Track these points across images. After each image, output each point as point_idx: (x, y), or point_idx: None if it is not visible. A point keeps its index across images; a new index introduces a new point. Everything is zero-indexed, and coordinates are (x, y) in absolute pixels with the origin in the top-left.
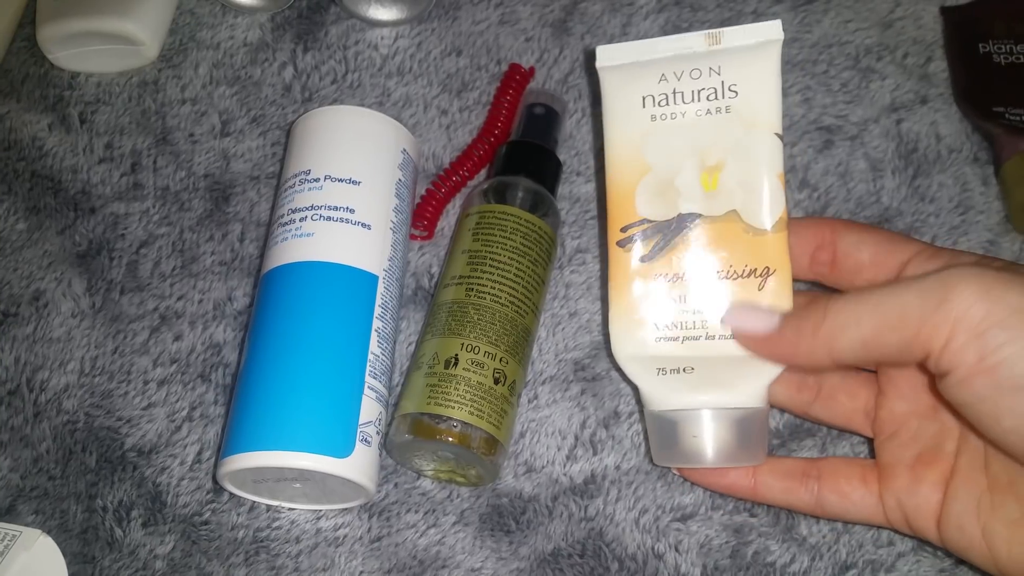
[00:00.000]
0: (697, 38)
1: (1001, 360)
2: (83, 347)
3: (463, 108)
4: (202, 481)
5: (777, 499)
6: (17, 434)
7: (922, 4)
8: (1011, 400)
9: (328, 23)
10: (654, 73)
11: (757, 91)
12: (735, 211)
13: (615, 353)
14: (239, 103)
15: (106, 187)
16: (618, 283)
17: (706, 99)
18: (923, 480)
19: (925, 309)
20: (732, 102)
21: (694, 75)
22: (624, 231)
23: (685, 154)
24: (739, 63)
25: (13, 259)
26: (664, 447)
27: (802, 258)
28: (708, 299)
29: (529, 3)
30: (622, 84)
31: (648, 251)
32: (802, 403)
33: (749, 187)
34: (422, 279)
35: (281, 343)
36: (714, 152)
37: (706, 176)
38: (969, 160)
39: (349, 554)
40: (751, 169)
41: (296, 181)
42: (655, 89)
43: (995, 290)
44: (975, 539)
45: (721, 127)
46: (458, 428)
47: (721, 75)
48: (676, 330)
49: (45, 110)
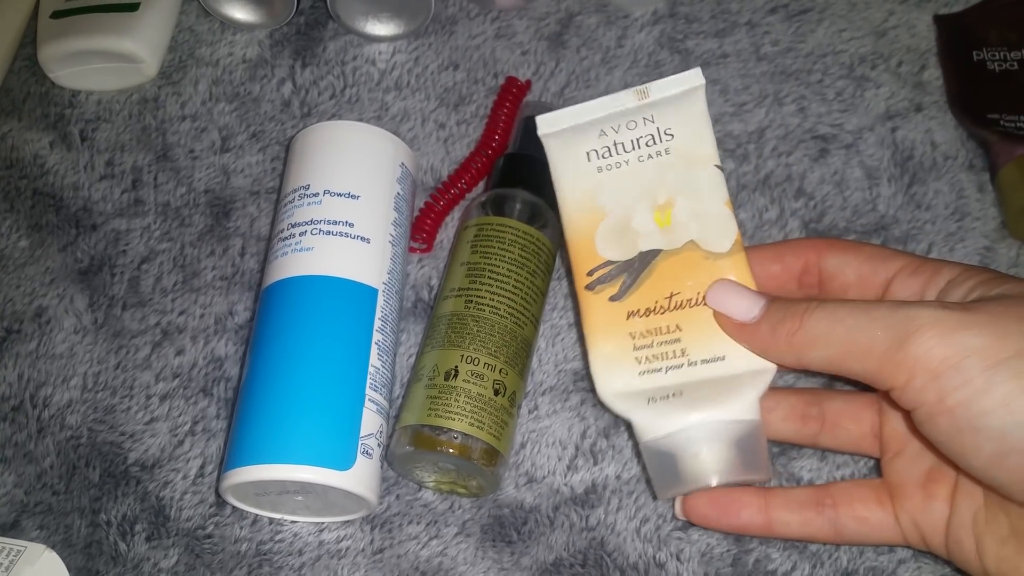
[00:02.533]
0: (627, 95)
1: (957, 402)
2: (86, 363)
3: (460, 121)
4: (205, 495)
5: (794, 533)
6: (21, 450)
7: (916, 12)
8: (971, 439)
9: (326, 39)
10: (593, 130)
11: (691, 131)
12: (692, 241)
13: (601, 394)
14: (238, 119)
15: (107, 204)
16: (593, 326)
17: (645, 145)
18: (935, 497)
19: (889, 347)
20: (670, 144)
21: (630, 126)
22: (590, 275)
23: (636, 197)
24: (669, 110)
25: (15, 276)
26: (666, 475)
27: (789, 282)
28: (682, 327)
29: (525, 17)
30: (565, 145)
31: (617, 290)
32: (808, 435)
33: (701, 218)
34: (421, 291)
35: (282, 357)
36: (662, 191)
37: (659, 214)
38: (964, 167)
39: (352, 566)
40: (699, 201)
41: (296, 196)
42: (596, 143)
43: (955, 333)
44: (971, 554)
45: (664, 168)
46: (459, 439)
47: (655, 122)
48: (658, 361)
49: (46, 128)
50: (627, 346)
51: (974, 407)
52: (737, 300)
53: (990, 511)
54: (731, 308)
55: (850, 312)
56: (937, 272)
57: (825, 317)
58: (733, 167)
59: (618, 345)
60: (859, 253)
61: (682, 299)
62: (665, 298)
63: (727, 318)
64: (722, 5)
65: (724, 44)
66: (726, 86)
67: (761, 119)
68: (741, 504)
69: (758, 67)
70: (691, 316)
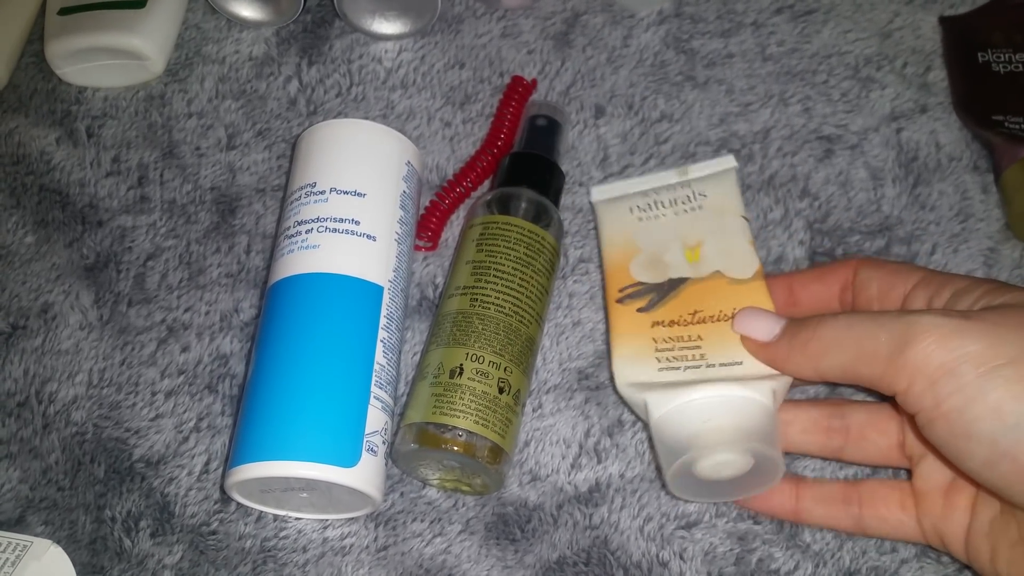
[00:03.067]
0: (669, 174)
1: (951, 408)
2: (91, 359)
3: (466, 120)
4: (210, 491)
5: (818, 522)
6: (26, 446)
7: (921, 14)
8: (965, 445)
9: (332, 37)
10: (638, 193)
11: (722, 195)
12: (718, 271)
13: (619, 385)
14: (245, 117)
15: (113, 200)
16: (618, 329)
17: (681, 203)
18: (956, 506)
19: (891, 351)
20: (703, 202)
21: (669, 191)
22: (622, 291)
23: (669, 238)
24: (705, 181)
25: (22, 272)
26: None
27: (831, 301)
28: (704, 337)
29: (531, 16)
30: (612, 204)
31: (645, 304)
32: (833, 449)
33: (727, 253)
34: (427, 290)
35: (287, 354)
36: (693, 235)
37: (689, 252)
38: (969, 168)
39: (356, 563)
40: (726, 241)
41: (302, 193)
42: (639, 201)
43: (952, 339)
44: (987, 560)
45: (696, 218)
46: (463, 437)
47: (691, 187)
48: (677, 362)
49: (53, 124)
50: (649, 347)
51: (967, 413)
52: (760, 322)
53: (1004, 517)
54: (754, 330)
55: (859, 319)
56: (945, 284)
57: (836, 325)
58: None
59: (640, 345)
60: (883, 268)
61: (705, 315)
62: (689, 314)
63: (751, 340)
64: (728, 5)
65: (729, 44)
66: (731, 86)
67: (766, 119)
68: (774, 489)
69: (763, 67)
70: (713, 329)
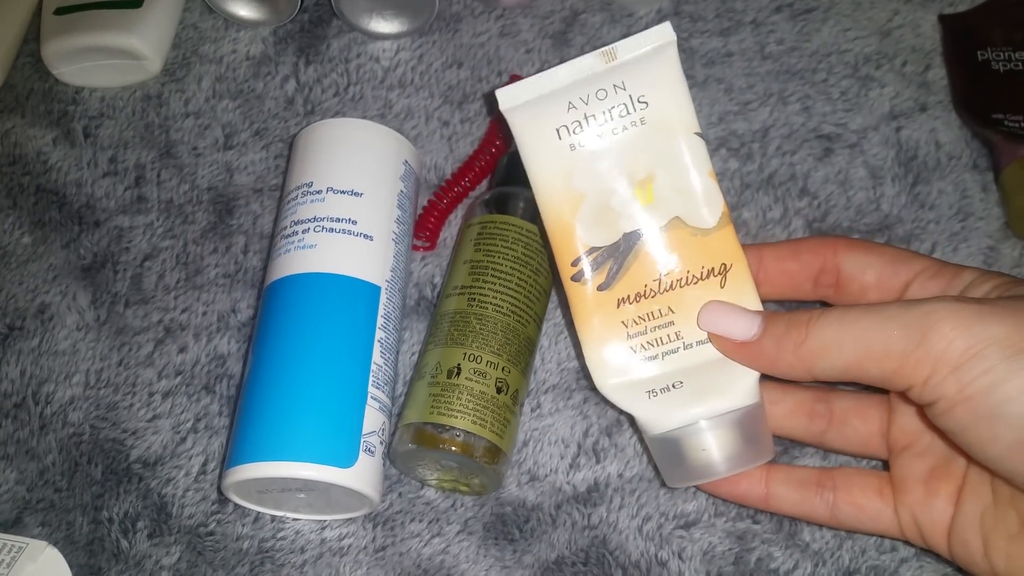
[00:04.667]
0: (592, 58)
1: (977, 390)
2: (88, 360)
3: (464, 119)
4: (207, 492)
5: (790, 509)
6: (23, 447)
7: (920, 12)
8: (990, 428)
9: (330, 36)
10: (560, 102)
11: (666, 97)
12: (677, 217)
13: (599, 387)
14: (242, 116)
15: (110, 200)
16: (583, 318)
17: (618, 116)
18: (937, 494)
19: (908, 344)
20: (644, 113)
21: (600, 95)
22: (575, 265)
23: (613, 175)
24: (640, 73)
25: (18, 273)
26: (674, 468)
27: (805, 283)
28: (675, 310)
29: (529, 15)
30: (532, 121)
31: (604, 279)
32: (815, 432)
33: (684, 191)
34: (424, 289)
35: (285, 354)
36: (641, 166)
37: (639, 190)
38: (968, 167)
39: (354, 564)
40: (681, 174)
41: (299, 193)
42: (566, 118)
43: (975, 324)
44: (978, 553)
45: (641, 140)
46: (461, 437)
47: (627, 90)
48: (653, 348)
49: (49, 125)
50: (620, 335)
51: (995, 395)
52: (734, 320)
53: (999, 509)
54: (728, 329)
55: (861, 315)
56: (957, 275)
57: (833, 323)
58: (737, 166)
59: (611, 335)
60: (880, 255)
61: (672, 280)
62: (654, 280)
63: (725, 339)
64: (727, 4)
65: (729, 43)
66: (731, 85)
67: (765, 118)
68: (743, 474)
69: (763, 66)
70: (682, 297)
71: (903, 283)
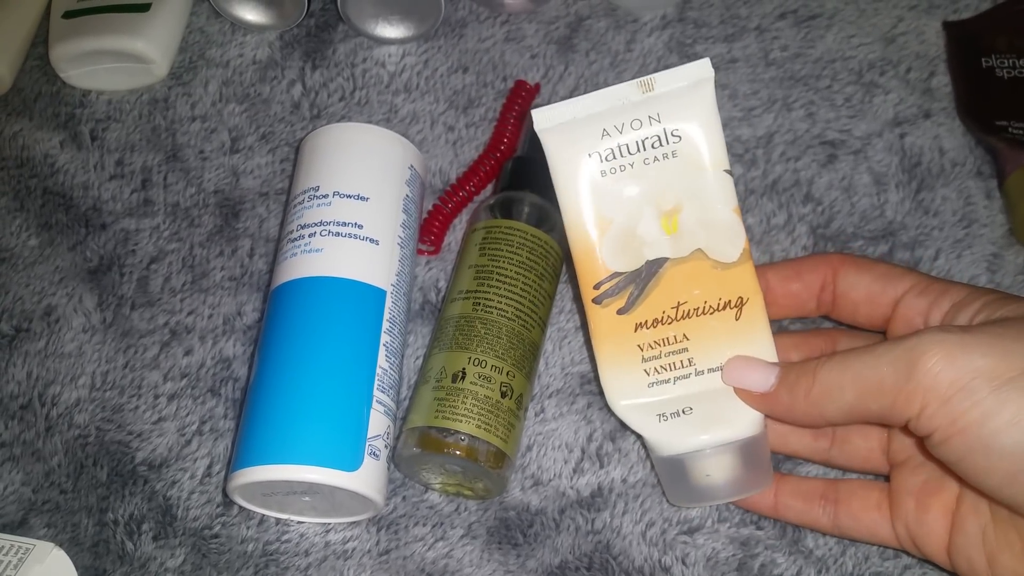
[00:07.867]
0: (630, 88)
1: (969, 423)
2: (94, 362)
3: (469, 124)
4: (212, 495)
5: (796, 518)
6: (29, 448)
7: (924, 19)
8: (985, 460)
9: (336, 41)
10: (595, 129)
11: (699, 133)
12: (700, 249)
13: (613, 406)
14: (248, 120)
15: (117, 203)
16: (601, 339)
17: (651, 147)
18: (929, 508)
19: (898, 379)
20: (677, 147)
21: (635, 126)
22: (597, 288)
23: (641, 203)
24: (676, 107)
25: (25, 275)
26: (678, 488)
27: (809, 301)
28: (690, 337)
29: (534, 21)
30: (565, 144)
31: (625, 303)
32: (820, 450)
33: (709, 225)
34: (429, 294)
35: (290, 357)
36: (669, 197)
37: (665, 220)
38: (972, 174)
39: (358, 567)
40: (707, 208)
41: (305, 197)
42: (599, 145)
43: (959, 357)
44: (983, 570)
45: (671, 172)
46: (465, 441)
47: (661, 122)
48: (666, 372)
49: (57, 128)
50: (635, 358)
51: (985, 428)
52: (753, 373)
53: (999, 528)
54: (749, 382)
55: (856, 356)
56: (944, 293)
57: (835, 367)
58: (741, 172)
59: (627, 358)
60: (871, 272)
61: (688, 308)
62: (672, 308)
63: (748, 392)
64: (731, 10)
65: (733, 49)
66: (735, 91)
67: (770, 124)
68: None
69: (767, 72)
70: (697, 325)
71: (892, 300)
